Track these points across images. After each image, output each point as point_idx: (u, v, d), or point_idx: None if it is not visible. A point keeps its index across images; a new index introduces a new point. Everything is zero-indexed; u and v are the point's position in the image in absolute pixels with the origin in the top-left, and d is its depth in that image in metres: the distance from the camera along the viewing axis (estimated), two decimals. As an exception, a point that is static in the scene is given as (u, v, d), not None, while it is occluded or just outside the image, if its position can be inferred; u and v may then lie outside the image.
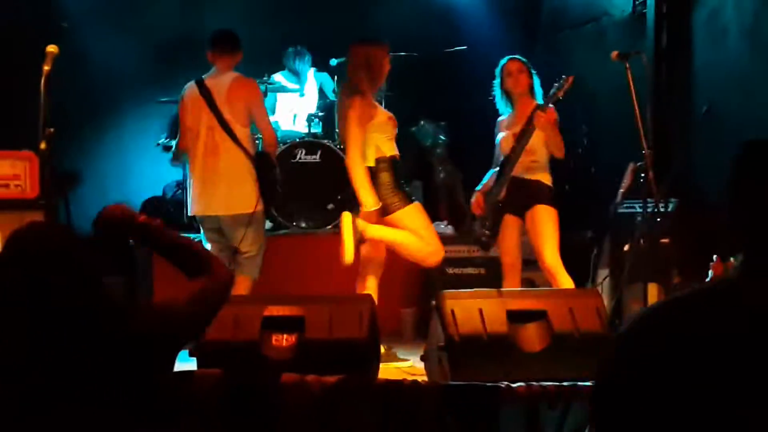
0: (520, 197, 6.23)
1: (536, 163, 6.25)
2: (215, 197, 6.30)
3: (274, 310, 4.84)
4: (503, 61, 6.37)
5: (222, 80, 6.35)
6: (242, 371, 3.66)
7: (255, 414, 3.60)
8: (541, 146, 6.24)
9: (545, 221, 6.14)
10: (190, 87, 6.43)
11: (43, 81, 5.23)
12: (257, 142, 6.69)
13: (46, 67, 5.28)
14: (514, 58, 6.38)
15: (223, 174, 6.28)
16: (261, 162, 6.36)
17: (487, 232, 6.38)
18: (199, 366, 4.61)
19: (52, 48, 5.42)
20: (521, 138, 6.16)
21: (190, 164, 6.46)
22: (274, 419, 3.64)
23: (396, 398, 3.60)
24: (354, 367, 4.54)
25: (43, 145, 5.22)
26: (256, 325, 4.78)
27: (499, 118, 6.49)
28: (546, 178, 6.28)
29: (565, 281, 6.02)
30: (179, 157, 7.01)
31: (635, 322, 1.63)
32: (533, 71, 6.32)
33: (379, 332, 5.02)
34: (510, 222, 6.28)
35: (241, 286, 6.19)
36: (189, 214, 6.62)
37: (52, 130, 5.23)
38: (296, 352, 4.72)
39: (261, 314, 4.81)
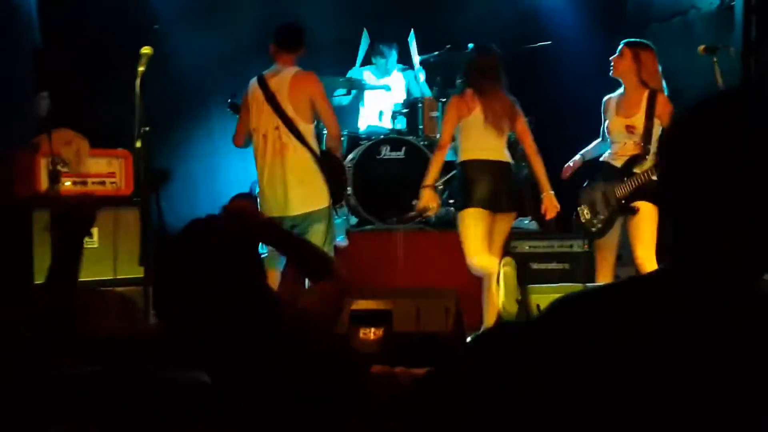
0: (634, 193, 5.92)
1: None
2: (286, 197, 6.21)
3: (362, 304, 4.93)
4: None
5: (283, 76, 6.23)
6: (332, 362, 3.73)
7: (344, 405, 3.67)
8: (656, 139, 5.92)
9: (649, 219, 5.87)
10: (252, 84, 6.34)
11: (138, 81, 5.42)
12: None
13: (141, 68, 5.45)
14: (624, 42, 6.12)
15: (291, 173, 6.20)
16: (326, 161, 6.30)
17: (599, 225, 6.08)
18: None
19: (146, 49, 5.60)
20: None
21: (257, 164, 6.36)
22: (364, 410, 3.71)
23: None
24: (440, 360, 4.60)
25: (138, 144, 5.40)
26: (345, 319, 4.87)
27: (606, 97, 6.19)
28: (654, 171, 5.83)
29: None
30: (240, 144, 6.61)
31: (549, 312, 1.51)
32: (643, 53, 6.02)
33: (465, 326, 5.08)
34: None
35: None
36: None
37: (147, 129, 5.41)
38: (383, 346, 4.81)
39: (349, 308, 4.91)
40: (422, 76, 8.86)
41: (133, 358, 2.45)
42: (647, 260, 5.84)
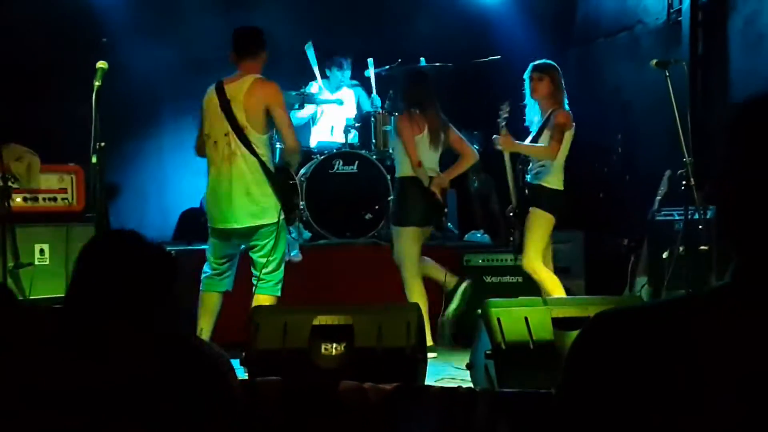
0: (526, 202, 6.42)
1: (543, 167, 6.38)
2: (232, 207, 5.97)
3: (323, 319, 4.91)
4: (528, 69, 6.51)
5: (242, 82, 5.97)
6: (301, 379, 3.74)
7: (314, 421, 3.67)
8: None
9: (531, 225, 6.33)
10: (209, 90, 6.09)
11: (94, 96, 5.35)
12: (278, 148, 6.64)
13: (96, 83, 5.38)
14: (535, 64, 6.52)
15: (238, 183, 5.94)
16: (279, 176, 6.06)
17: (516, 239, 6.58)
18: (249, 375, 4.70)
19: (101, 64, 5.53)
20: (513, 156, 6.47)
21: (208, 172, 6.13)
22: (333, 426, 3.71)
23: (451, 405, 3.67)
24: (402, 375, 4.61)
25: (94, 159, 5.33)
26: (306, 333, 4.85)
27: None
28: (549, 182, 6.36)
29: (549, 285, 6.21)
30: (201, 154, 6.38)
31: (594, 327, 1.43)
32: (558, 75, 6.45)
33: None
34: None
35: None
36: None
37: (103, 144, 5.35)
38: (345, 361, 4.80)
39: (310, 323, 4.89)
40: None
41: None
42: (533, 269, 6.33)
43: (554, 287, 6.19)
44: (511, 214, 6.48)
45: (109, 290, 2.43)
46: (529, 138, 6.50)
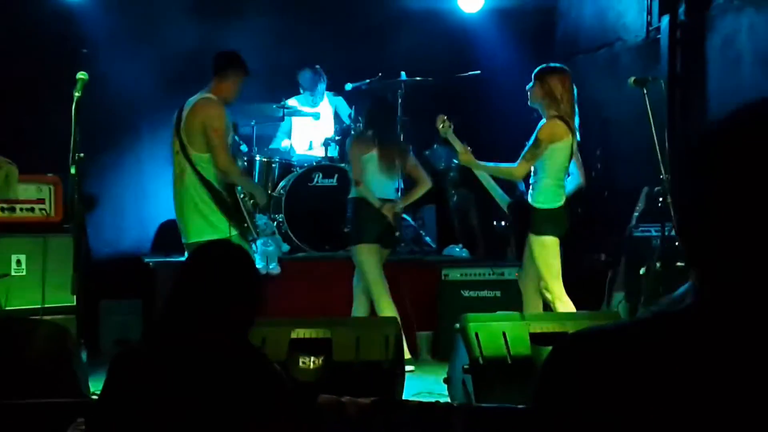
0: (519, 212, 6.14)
1: (535, 184, 6.02)
2: (184, 223, 6.21)
3: (302, 333, 4.91)
4: None
5: (191, 102, 6.21)
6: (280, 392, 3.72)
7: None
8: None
9: (535, 255, 5.99)
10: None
11: (74, 107, 5.33)
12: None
13: (77, 94, 5.37)
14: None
15: (185, 199, 6.18)
16: (225, 191, 6.18)
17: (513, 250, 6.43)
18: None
19: (82, 75, 5.51)
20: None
21: None
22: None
23: (429, 420, 3.67)
24: (380, 388, 4.60)
25: (73, 170, 5.31)
26: (284, 347, 4.85)
27: None
28: (541, 201, 5.96)
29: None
30: None
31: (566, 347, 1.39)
32: (550, 80, 5.98)
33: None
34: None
35: None
36: None
37: (82, 155, 5.33)
38: (323, 374, 4.79)
39: (288, 336, 4.89)
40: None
41: None
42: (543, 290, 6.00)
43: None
44: (504, 224, 6.32)
45: (214, 303, 2.57)
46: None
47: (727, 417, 1.26)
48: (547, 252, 5.92)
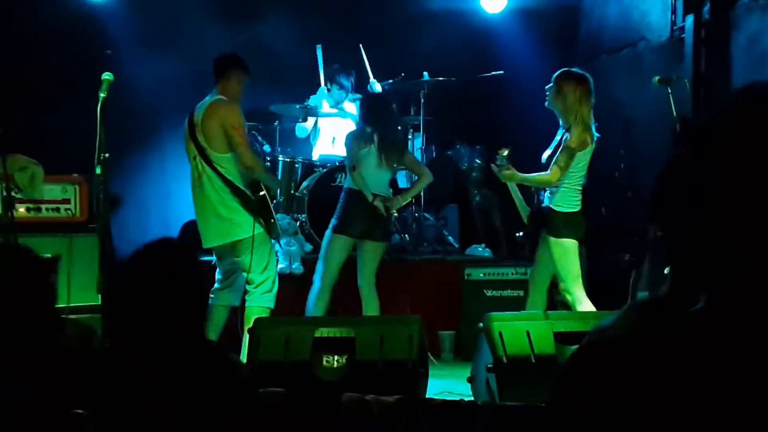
0: (539, 221, 6.12)
1: (555, 188, 6.00)
2: (206, 228, 6.23)
3: (325, 332, 4.92)
4: None
5: (204, 105, 6.23)
6: (304, 390, 3.75)
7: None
8: None
9: (555, 257, 5.94)
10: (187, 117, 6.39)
11: (99, 107, 5.36)
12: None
13: (102, 94, 5.40)
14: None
15: (207, 204, 6.19)
16: (249, 190, 6.19)
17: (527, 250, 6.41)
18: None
19: (107, 76, 5.55)
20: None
21: None
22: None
23: (453, 418, 3.67)
24: (404, 387, 4.61)
25: (98, 171, 5.34)
26: (307, 346, 4.86)
27: None
28: (560, 205, 5.97)
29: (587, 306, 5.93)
30: None
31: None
32: (570, 86, 5.95)
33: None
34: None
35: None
36: None
37: (107, 155, 5.36)
38: (346, 373, 4.80)
39: (312, 335, 4.90)
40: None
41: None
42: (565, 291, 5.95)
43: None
44: (522, 233, 6.32)
45: (157, 302, 2.54)
46: (547, 153, 6.12)
47: (735, 417, 1.27)
48: (567, 255, 5.90)
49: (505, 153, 6.05)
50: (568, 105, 5.93)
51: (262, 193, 6.22)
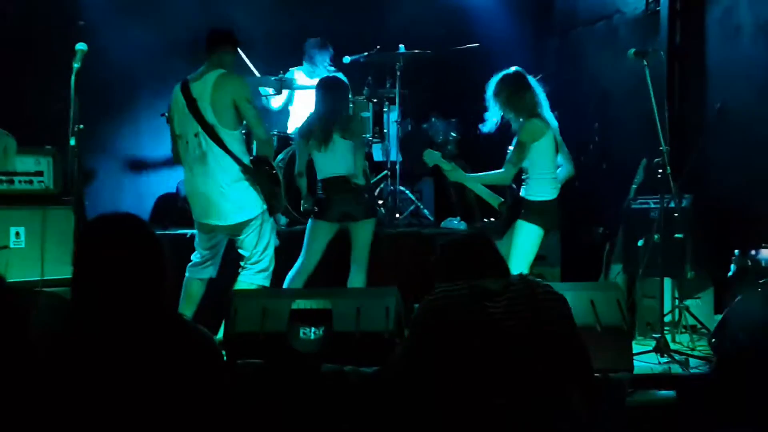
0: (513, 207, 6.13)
1: (527, 177, 6.03)
2: (210, 207, 6.08)
3: (302, 303, 4.92)
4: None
5: (206, 80, 6.02)
6: (282, 361, 3.75)
7: (295, 402, 3.69)
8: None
9: (516, 238, 6.00)
10: (175, 91, 6.15)
11: (73, 78, 5.31)
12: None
13: (75, 65, 5.35)
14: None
15: (213, 183, 6.02)
16: (257, 169, 6.12)
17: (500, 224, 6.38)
18: (228, 357, 4.70)
19: (81, 46, 5.49)
20: None
21: (183, 170, 6.26)
22: (314, 407, 3.73)
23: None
24: (380, 359, 4.61)
25: (73, 142, 5.30)
26: (284, 317, 4.86)
27: None
28: (532, 194, 6.00)
29: None
30: (178, 161, 6.44)
31: None
32: (506, 86, 6.05)
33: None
34: None
35: None
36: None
37: (81, 126, 5.31)
38: (323, 345, 4.80)
39: (289, 307, 4.90)
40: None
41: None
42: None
43: None
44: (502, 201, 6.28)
45: (115, 275, 2.50)
46: (510, 148, 6.09)
47: None
48: (528, 239, 5.95)
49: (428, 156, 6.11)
50: (511, 106, 6.00)
51: (272, 171, 6.18)
